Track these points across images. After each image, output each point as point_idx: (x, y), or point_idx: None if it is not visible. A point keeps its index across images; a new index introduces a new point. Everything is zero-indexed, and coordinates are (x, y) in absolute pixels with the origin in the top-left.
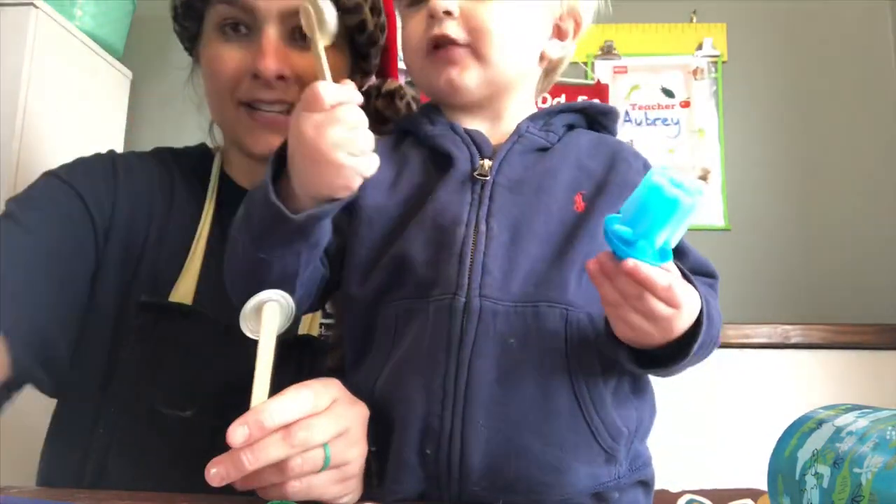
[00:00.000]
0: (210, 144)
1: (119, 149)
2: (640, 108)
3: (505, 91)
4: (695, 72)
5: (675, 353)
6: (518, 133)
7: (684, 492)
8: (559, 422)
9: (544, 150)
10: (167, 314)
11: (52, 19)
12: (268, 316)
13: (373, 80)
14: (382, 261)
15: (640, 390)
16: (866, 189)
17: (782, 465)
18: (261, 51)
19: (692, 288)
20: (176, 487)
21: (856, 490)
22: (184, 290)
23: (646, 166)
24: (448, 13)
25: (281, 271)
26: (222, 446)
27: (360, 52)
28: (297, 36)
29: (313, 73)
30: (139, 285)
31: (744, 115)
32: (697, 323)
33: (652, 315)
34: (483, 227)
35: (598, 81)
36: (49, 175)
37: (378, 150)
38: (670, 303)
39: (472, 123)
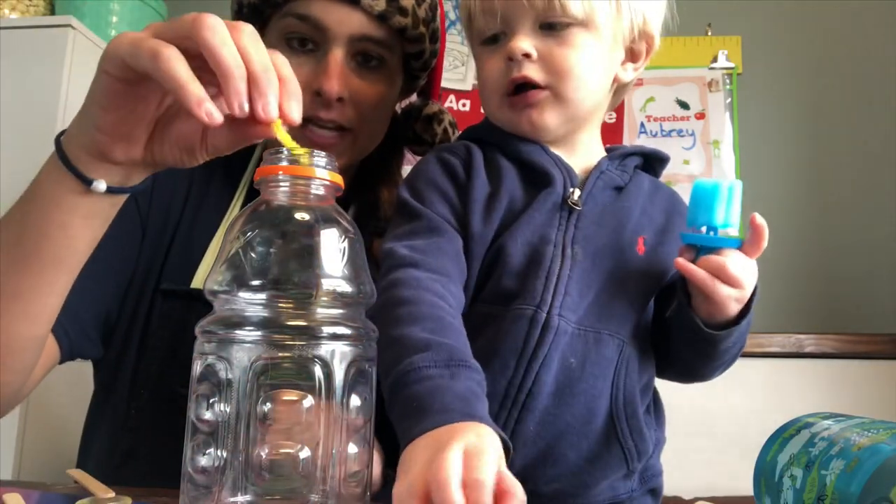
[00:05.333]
0: None
1: None
2: (655, 119)
3: (582, 124)
4: (710, 84)
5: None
6: (599, 170)
7: (697, 499)
8: (596, 439)
9: (619, 188)
10: (186, 300)
11: (88, 39)
12: None
13: (414, 98)
14: (472, 269)
15: (659, 413)
16: (880, 200)
17: (765, 468)
18: (326, 71)
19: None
20: None
21: (821, 490)
22: (204, 276)
23: None
24: (527, 55)
25: None
26: None
27: (412, 74)
28: (359, 59)
29: (369, 97)
30: (168, 272)
31: (758, 127)
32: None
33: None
34: (569, 251)
35: None
36: None
37: (476, 163)
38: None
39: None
